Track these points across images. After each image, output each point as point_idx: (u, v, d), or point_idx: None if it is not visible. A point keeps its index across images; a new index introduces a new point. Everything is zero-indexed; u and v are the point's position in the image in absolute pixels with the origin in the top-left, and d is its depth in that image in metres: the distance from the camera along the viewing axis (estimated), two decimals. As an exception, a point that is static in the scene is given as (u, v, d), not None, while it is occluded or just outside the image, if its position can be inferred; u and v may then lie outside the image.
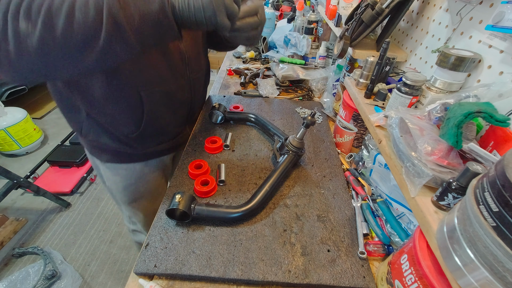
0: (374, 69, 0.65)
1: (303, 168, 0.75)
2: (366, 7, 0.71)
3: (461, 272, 0.30)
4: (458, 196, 0.37)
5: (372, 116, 0.59)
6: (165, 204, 0.63)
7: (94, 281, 1.41)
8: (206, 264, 0.51)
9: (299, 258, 0.52)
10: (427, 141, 0.43)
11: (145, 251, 0.53)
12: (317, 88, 1.18)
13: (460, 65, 0.49)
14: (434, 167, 0.41)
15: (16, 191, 1.73)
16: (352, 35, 0.77)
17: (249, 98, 1.08)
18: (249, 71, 1.32)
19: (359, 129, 0.78)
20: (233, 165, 0.74)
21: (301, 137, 0.70)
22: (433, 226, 0.37)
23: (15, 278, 1.35)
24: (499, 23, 0.45)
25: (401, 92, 0.55)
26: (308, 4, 1.67)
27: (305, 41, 1.28)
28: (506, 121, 0.37)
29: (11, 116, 2.06)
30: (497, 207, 0.25)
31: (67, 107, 0.69)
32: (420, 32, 0.73)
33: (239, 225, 0.58)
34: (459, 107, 0.41)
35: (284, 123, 0.93)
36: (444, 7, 0.64)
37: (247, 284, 0.50)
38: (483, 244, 0.27)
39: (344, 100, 0.79)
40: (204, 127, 0.89)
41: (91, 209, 1.80)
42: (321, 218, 0.61)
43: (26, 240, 1.60)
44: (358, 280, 0.49)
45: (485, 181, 0.28)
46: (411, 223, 0.56)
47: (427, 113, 0.49)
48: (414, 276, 0.39)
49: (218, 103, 0.90)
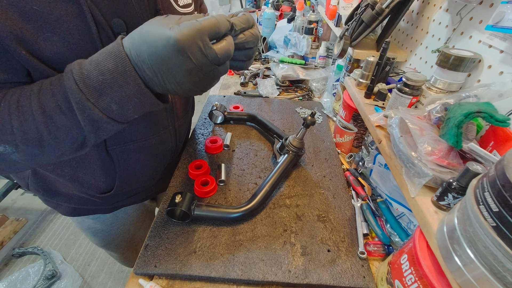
0: (374, 69, 0.65)
1: (303, 168, 0.75)
2: (366, 7, 0.71)
3: (461, 272, 0.30)
4: (458, 196, 0.37)
5: (372, 116, 0.59)
6: (165, 204, 0.63)
7: (94, 281, 1.41)
8: (206, 264, 0.51)
9: (299, 258, 0.52)
10: (427, 141, 0.43)
11: (145, 251, 0.53)
12: (317, 88, 1.18)
13: (460, 65, 0.49)
14: (434, 167, 0.41)
15: (16, 191, 1.73)
16: (352, 35, 0.77)
17: (249, 98, 1.08)
18: (249, 71, 1.32)
19: (359, 129, 0.78)
20: (233, 165, 0.74)
21: (301, 137, 0.70)
22: (433, 226, 0.37)
23: (15, 278, 1.35)
24: (499, 23, 0.45)
25: (401, 92, 0.55)
26: (308, 4, 1.67)
27: (305, 41, 1.28)
28: (506, 121, 0.37)
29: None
30: (497, 207, 0.25)
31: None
32: (420, 32, 0.73)
33: (239, 225, 0.58)
34: (459, 107, 0.42)
35: (284, 123, 0.93)
36: (444, 7, 0.64)
37: (247, 284, 0.50)
38: (483, 244, 0.27)
39: (344, 100, 0.79)
40: (204, 127, 0.89)
41: (91, 209, 1.80)
42: (321, 218, 0.61)
43: (26, 240, 1.60)
44: (358, 280, 0.49)
45: (485, 181, 0.28)
46: (411, 223, 0.56)
47: (427, 113, 0.49)
48: (414, 276, 0.39)
49: (218, 103, 0.90)
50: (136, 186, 0.64)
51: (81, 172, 0.53)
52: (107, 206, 0.66)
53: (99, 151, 0.50)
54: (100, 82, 0.31)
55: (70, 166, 0.52)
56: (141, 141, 0.54)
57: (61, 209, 0.65)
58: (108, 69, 0.31)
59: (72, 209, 0.64)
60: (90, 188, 0.57)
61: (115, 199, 0.64)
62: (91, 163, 0.52)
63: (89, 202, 0.61)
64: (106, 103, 0.32)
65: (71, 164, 0.51)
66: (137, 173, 0.60)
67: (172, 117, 0.60)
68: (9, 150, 0.34)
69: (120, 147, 0.52)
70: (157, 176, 0.69)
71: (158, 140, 0.58)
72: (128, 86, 0.32)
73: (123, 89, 0.32)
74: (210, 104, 1.02)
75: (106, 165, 0.53)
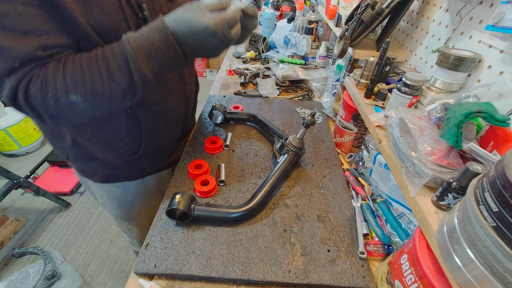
0: (374, 69, 0.65)
1: (303, 168, 0.75)
2: (366, 7, 0.71)
3: (461, 272, 0.30)
4: (458, 196, 0.37)
5: (372, 116, 0.59)
6: (165, 204, 0.63)
7: (94, 281, 1.41)
8: (206, 264, 0.51)
9: (299, 258, 0.52)
10: (427, 141, 0.43)
11: (145, 251, 0.53)
12: (317, 88, 1.18)
13: (460, 65, 0.49)
14: (434, 167, 0.41)
15: (16, 191, 1.73)
16: (352, 35, 0.77)
17: (249, 98, 1.08)
18: (249, 71, 1.32)
19: (359, 129, 0.78)
20: (233, 165, 0.74)
21: (301, 137, 0.70)
22: (433, 226, 0.37)
23: (15, 278, 1.35)
24: (499, 23, 0.45)
25: (401, 92, 0.55)
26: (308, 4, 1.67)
27: (305, 41, 1.28)
28: (506, 121, 0.37)
29: (11, 116, 2.06)
30: (497, 207, 0.25)
31: (49, 132, 0.66)
32: (420, 32, 0.73)
33: (239, 225, 0.58)
34: (459, 107, 0.41)
35: (284, 123, 0.93)
36: (444, 7, 0.64)
37: (247, 284, 0.50)
38: (483, 244, 0.27)
39: (344, 100, 0.79)
40: (204, 127, 0.89)
41: (91, 209, 1.80)
42: (321, 218, 0.61)
43: (26, 240, 1.60)
44: (358, 280, 0.49)
45: (485, 181, 0.28)
46: (411, 223, 0.56)
47: (427, 113, 0.49)
48: (414, 276, 0.39)
49: (218, 103, 0.90)
50: (157, 149, 0.75)
51: (113, 136, 0.64)
52: (134, 171, 0.76)
53: (128, 116, 0.61)
54: (149, 49, 0.43)
55: (104, 132, 0.62)
56: (160, 104, 0.65)
57: (95, 177, 0.75)
58: (155, 39, 0.43)
59: (104, 176, 0.74)
60: (121, 152, 0.68)
61: (141, 164, 0.74)
62: (122, 127, 0.63)
63: (119, 167, 0.71)
64: (152, 64, 0.44)
65: (105, 130, 0.62)
66: (159, 134, 0.70)
67: (182, 82, 0.71)
68: (80, 99, 0.43)
69: (145, 110, 0.63)
70: (173, 142, 0.80)
71: (173, 103, 0.69)
72: (169, 53, 0.45)
73: (166, 55, 0.44)
74: (210, 104, 1.02)
75: (133, 127, 0.64)
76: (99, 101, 0.45)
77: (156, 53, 0.44)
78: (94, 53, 0.44)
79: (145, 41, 0.43)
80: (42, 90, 0.42)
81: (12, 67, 0.40)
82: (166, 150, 0.79)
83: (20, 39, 0.40)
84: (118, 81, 0.44)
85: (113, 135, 0.63)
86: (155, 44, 0.43)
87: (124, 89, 0.45)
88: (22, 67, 0.41)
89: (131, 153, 0.69)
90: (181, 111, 0.75)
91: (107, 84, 0.43)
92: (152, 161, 0.77)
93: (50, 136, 0.67)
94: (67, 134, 0.62)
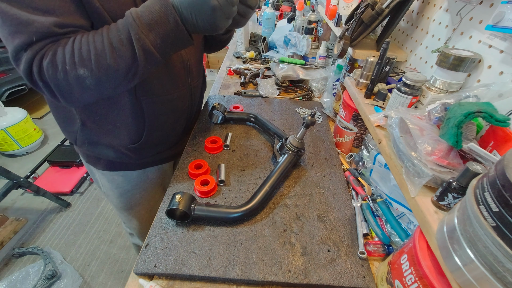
0: (374, 69, 0.65)
1: (303, 168, 0.75)
2: (366, 7, 0.71)
3: (461, 272, 0.30)
4: (458, 196, 0.37)
5: (372, 116, 0.59)
6: (165, 204, 0.63)
7: (94, 281, 1.41)
8: (206, 264, 0.51)
9: (299, 258, 0.52)
10: (427, 141, 0.43)
11: (145, 251, 0.53)
12: (317, 88, 1.18)
13: (460, 65, 0.49)
14: (434, 167, 0.41)
15: (16, 191, 1.73)
16: (352, 35, 0.77)
17: (249, 98, 1.08)
18: (249, 71, 1.32)
19: (359, 129, 0.78)
20: (233, 165, 0.74)
21: (301, 137, 0.70)
22: (433, 226, 0.37)
23: (15, 278, 1.35)
24: (499, 23, 0.45)
25: (401, 92, 0.55)
26: (308, 4, 1.67)
27: (305, 41, 1.28)
28: (506, 121, 0.37)
29: (11, 116, 2.06)
30: (497, 207, 0.25)
31: (62, 116, 0.69)
32: (420, 32, 0.73)
33: (239, 225, 0.58)
34: (459, 107, 0.41)
35: (284, 123, 0.93)
36: (444, 7, 0.64)
37: (247, 284, 0.50)
38: (483, 244, 0.27)
39: (344, 100, 0.79)
40: (204, 127, 0.89)
41: (91, 209, 1.81)
42: (321, 218, 0.61)
43: (26, 240, 1.60)
44: (358, 280, 0.49)
45: (485, 181, 0.28)
46: (411, 223, 0.56)
47: (427, 113, 0.49)
48: (414, 276, 0.39)
49: (218, 103, 0.90)
50: (159, 140, 0.76)
51: (119, 123, 0.66)
52: (136, 161, 0.78)
53: (132, 104, 0.63)
54: (149, 19, 0.44)
55: (112, 116, 0.65)
56: (164, 96, 0.67)
57: (99, 165, 0.78)
58: (155, 9, 0.44)
59: (108, 163, 0.77)
60: (124, 139, 0.70)
61: (142, 154, 0.76)
62: (127, 114, 0.65)
63: (122, 156, 0.74)
64: (153, 36, 0.46)
65: (113, 115, 0.65)
66: (161, 125, 0.72)
67: (188, 76, 0.72)
68: (86, 73, 0.45)
69: (149, 99, 0.65)
70: (176, 135, 0.81)
71: (178, 96, 0.71)
72: (169, 23, 0.45)
73: (166, 25, 0.45)
74: (210, 104, 1.02)
75: (137, 115, 0.66)
76: (104, 76, 0.47)
77: (157, 24, 0.45)
78: (101, 30, 0.47)
79: (146, 11, 0.45)
80: (54, 64, 0.44)
81: (30, 41, 0.43)
82: (168, 142, 0.81)
83: (40, 15, 0.43)
84: (121, 54, 0.46)
85: (119, 121, 0.66)
86: (155, 14, 0.44)
87: (127, 64, 0.46)
88: (39, 41, 0.44)
89: (133, 141, 0.71)
90: (186, 105, 0.76)
91: (111, 58, 0.45)
92: (154, 151, 0.79)
93: (61, 120, 0.70)
94: (77, 117, 0.66)
